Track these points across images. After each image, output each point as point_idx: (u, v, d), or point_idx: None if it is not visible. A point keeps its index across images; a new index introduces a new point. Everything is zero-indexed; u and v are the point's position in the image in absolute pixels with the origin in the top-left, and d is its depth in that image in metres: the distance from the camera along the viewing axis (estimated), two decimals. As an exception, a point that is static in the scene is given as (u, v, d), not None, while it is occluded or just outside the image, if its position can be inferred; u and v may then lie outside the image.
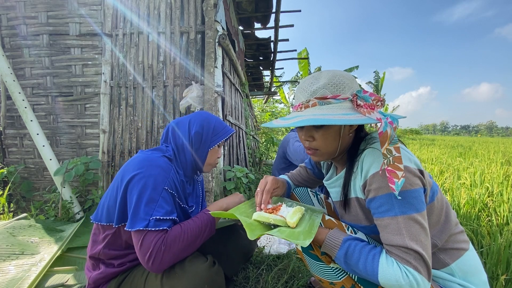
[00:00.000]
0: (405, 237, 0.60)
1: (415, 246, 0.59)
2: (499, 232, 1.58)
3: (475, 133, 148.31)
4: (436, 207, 0.70)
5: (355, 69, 16.76)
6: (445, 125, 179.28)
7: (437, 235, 0.71)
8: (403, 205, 0.62)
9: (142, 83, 2.37)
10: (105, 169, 2.37)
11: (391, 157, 0.62)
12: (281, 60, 5.95)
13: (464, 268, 0.71)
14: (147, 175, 0.80)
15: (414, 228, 0.60)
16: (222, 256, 1.06)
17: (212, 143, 0.98)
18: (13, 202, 2.48)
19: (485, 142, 15.90)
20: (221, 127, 1.02)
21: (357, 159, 0.75)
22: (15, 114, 2.54)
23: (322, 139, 0.74)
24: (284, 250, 1.54)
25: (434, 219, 0.70)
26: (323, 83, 0.70)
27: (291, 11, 4.27)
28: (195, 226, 0.83)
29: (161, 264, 0.75)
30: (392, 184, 0.60)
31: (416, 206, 0.62)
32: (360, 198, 0.74)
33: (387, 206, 0.63)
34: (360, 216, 0.76)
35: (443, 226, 0.72)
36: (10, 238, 1.49)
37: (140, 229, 0.74)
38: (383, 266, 0.60)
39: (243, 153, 3.31)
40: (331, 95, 0.69)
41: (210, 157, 1.00)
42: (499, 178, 3.10)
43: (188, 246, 0.80)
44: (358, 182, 0.73)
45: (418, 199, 0.62)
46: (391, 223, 0.62)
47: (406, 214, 0.61)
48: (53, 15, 2.47)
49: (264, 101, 10.86)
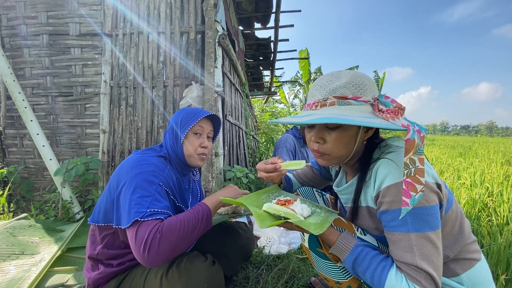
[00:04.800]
0: (416, 255, 0.57)
1: (426, 267, 0.56)
2: (499, 232, 1.58)
3: (475, 133, 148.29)
4: (450, 219, 0.67)
5: (355, 68, 16.77)
6: (445, 125, 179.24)
7: (449, 246, 0.68)
8: (417, 222, 0.58)
9: (142, 83, 2.38)
10: (105, 169, 2.38)
11: (413, 168, 0.57)
12: (281, 60, 5.94)
13: (473, 279, 0.68)
14: (141, 171, 0.81)
15: (427, 248, 0.57)
16: (221, 255, 1.06)
17: (181, 133, 0.95)
18: (13, 202, 2.48)
19: (485, 142, 15.90)
20: (190, 115, 0.97)
21: (370, 168, 0.70)
22: (15, 114, 2.54)
23: (335, 143, 0.68)
24: (284, 250, 1.54)
25: (447, 230, 0.67)
26: (344, 81, 0.65)
27: (291, 11, 4.26)
28: (191, 217, 0.80)
29: (158, 254, 0.70)
30: (408, 198, 0.56)
31: (430, 224, 0.58)
32: (371, 208, 0.71)
33: (399, 221, 0.60)
34: (369, 225, 0.73)
35: (456, 238, 0.69)
36: (10, 238, 1.49)
37: (134, 221, 0.72)
38: (392, 280, 0.58)
39: (243, 153, 3.31)
40: (351, 96, 0.64)
41: (186, 148, 0.96)
42: (499, 178, 3.10)
43: (184, 237, 0.76)
44: (370, 192, 0.69)
45: (433, 216, 0.59)
46: (403, 239, 0.59)
47: (420, 232, 0.58)
48: (53, 15, 2.47)
49: (264, 101, 10.86)
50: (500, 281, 1.15)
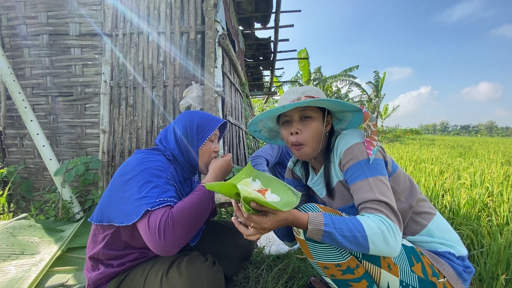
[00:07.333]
0: (375, 192, 0.72)
1: (384, 199, 0.71)
2: (499, 232, 1.58)
3: (475, 133, 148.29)
4: (400, 176, 0.86)
5: (355, 68, 16.76)
6: (445, 125, 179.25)
7: (409, 198, 0.85)
8: (371, 170, 0.76)
9: (142, 83, 2.38)
10: (105, 169, 2.37)
11: (369, 131, 0.81)
12: (281, 60, 5.95)
13: (438, 227, 0.85)
14: (148, 167, 0.81)
15: (382, 187, 0.74)
16: (221, 255, 1.06)
17: (199, 141, 0.95)
18: (13, 202, 2.48)
19: (485, 142, 15.91)
20: (206, 122, 0.97)
21: (332, 150, 0.89)
22: (15, 114, 2.54)
23: (310, 131, 0.85)
24: (284, 250, 1.54)
25: (402, 185, 0.86)
26: (308, 88, 0.89)
27: (291, 11, 4.27)
28: (196, 199, 0.81)
29: (175, 240, 0.71)
30: (370, 150, 0.78)
31: (381, 170, 0.77)
32: (342, 180, 0.87)
33: (359, 172, 0.77)
34: (347, 196, 0.87)
35: (411, 190, 0.87)
36: (10, 238, 1.49)
37: (144, 212, 0.72)
38: (364, 220, 0.68)
39: (243, 153, 3.32)
40: (316, 96, 0.87)
41: (202, 155, 0.96)
42: (499, 178, 3.10)
43: (195, 219, 0.78)
44: (336, 165, 0.87)
45: (381, 165, 0.78)
46: (364, 184, 0.75)
47: (375, 176, 0.75)
48: (53, 15, 2.47)
49: (264, 101, 10.86)
50: (500, 281, 1.15)
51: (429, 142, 13.18)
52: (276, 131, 1.08)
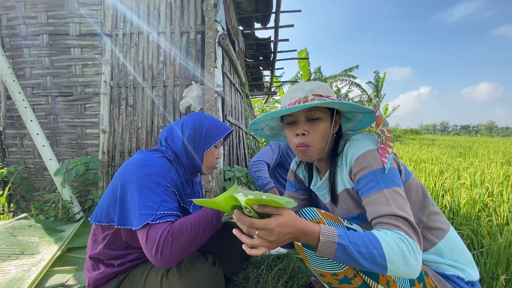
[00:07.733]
0: (392, 206, 0.65)
1: (403, 214, 0.64)
2: (499, 232, 1.58)
3: (475, 133, 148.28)
4: (412, 186, 0.79)
5: (355, 68, 16.77)
6: (445, 125, 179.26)
7: (419, 211, 0.78)
8: (386, 181, 0.69)
9: (142, 83, 2.38)
10: (105, 169, 2.37)
11: (384, 137, 0.74)
12: (281, 60, 5.94)
13: (450, 247, 0.77)
14: (148, 173, 0.80)
15: (399, 200, 0.67)
16: (222, 256, 1.06)
17: (206, 146, 0.96)
18: (13, 202, 2.48)
19: (485, 142, 15.91)
20: (215, 128, 0.98)
21: (339, 154, 0.82)
22: (15, 114, 2.54)
23: (316, 133, 0.79)
24: (284, 250, 1.54)
25: (413, 197, 0.78)
26: (316, 85, 0.81)
27: (291, 11, 4.26)
28: (200, 218, 0.80)
29: (171, 256, 0.71)
30: (385, 158, 0.71)
31: (396, 181, 0.70)
32: (349, 189, 0.80)
33: (373, 183, 0.70)
34: (351, 206, 0.81)
35: (422, 203, 0.80)
36: (10, 238, 1.49)
37: (144, 224, 0.72)
38: (381, 236, 0.60)
39: (243, 153, 3.31)
40: (325, 95, 0.78)
41: (206, 159, 0.98)
42: (499, 178, 3.09)
43: (195, 238, 0.77)
44: (345, 173, 0.80)
45: (397, 175, 0.71)
46: (379, 196, 0.68)
47: (390, 187, 0.68)
48: (53, 15, 2.47)
49: (264, 101, 10.87)
50: (500, 281, 1.15)
51: (429, 142, 13.17)
52: (279, 129, 1.02)
